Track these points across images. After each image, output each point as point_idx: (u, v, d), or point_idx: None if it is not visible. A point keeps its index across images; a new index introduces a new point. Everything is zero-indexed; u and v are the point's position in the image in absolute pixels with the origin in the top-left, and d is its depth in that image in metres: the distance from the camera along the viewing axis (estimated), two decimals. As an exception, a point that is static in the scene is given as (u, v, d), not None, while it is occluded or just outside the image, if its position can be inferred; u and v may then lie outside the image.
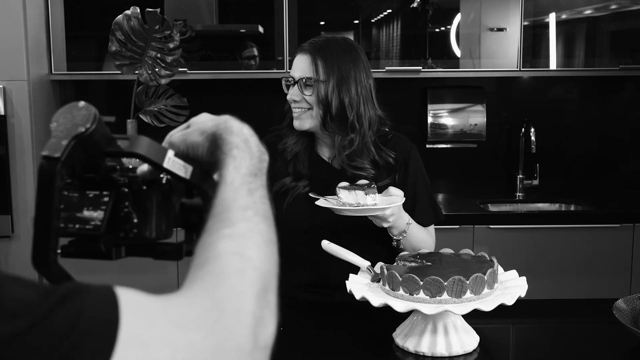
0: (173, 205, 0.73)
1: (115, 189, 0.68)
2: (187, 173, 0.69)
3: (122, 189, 0.68)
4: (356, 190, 1.57)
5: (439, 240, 2.62)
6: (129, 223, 0.68)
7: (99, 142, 0.65)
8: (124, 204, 0.68)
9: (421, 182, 1.79)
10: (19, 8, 2.81)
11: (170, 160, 0.68)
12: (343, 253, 1.57)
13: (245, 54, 3.08)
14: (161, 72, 2.84)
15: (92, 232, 0.66)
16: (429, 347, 1.36)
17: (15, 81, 2.83)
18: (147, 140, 0.67)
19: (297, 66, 1.73)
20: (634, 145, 3.41)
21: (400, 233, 1.65)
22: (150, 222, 0.69)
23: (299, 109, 1.71)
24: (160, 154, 0.67)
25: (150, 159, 0.66)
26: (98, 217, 0.66)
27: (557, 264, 2.87)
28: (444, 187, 3.41)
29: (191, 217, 0.74)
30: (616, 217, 2.90)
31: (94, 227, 0.66)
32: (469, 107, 3.27)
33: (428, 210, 1.80)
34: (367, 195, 1.56)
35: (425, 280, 1.32)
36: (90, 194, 0.67)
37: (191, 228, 0.75)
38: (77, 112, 0.64)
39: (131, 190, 0.68)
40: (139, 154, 0.66)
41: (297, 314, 1.65)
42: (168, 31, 2.81)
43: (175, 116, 2.95)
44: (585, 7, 3.11)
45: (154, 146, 0.67)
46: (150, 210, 0.69)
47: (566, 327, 1.62)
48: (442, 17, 3.09)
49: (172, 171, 0.68)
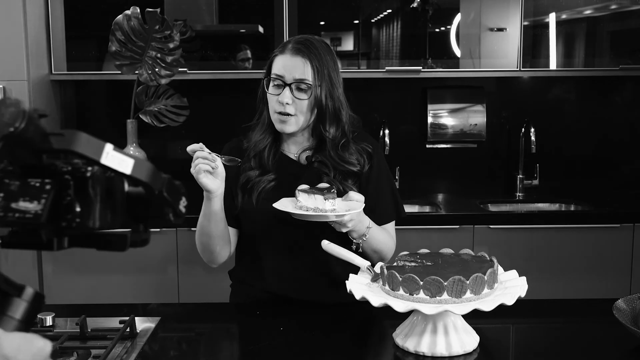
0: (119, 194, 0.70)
1: (58, 176, 0.65)
2: (127, 168, 0.67)
3: (65, 176, 0.66)
4: (315, 194, 1.57)
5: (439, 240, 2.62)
6: (72, 212, 0.65)
7: (32, 140, 0.63)
8: (67, 192, 0.65)
9: (385, 178, 1.81)
10: (19, 8, 2.81)
11: (109, 155, 0.65)
12: (343, 253, 1.57)
13: (240, 56, 3.08)
14: (161, 72, 2.84)
15: (33, 221, 0.63)
16: (429, 347, 1.36)
17: (15, 81, 2.83)
18: (83, 136, 0.64)
19: (289, 67, 1.67)
20: (634, 145, 3.41)
21: (360, 237, 1.66)
22: (94, 211, 0.67)
23: (286, 114, 1.68)
24: (97, 149, 0.65)
25: (86, 155, 0.64)
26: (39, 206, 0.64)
27: (557, 264, 2.87)
28: (444, 187, 3.41)
29: (137, 207, 0.72)
30: (616, 217, 2.89)
31: (34, 217, 0.63)
32: (469, 107, 3.27)
33: (390, 207, 1.81)
34: (327, 200, 1.56)
35: (425, 280, 1.32)
36: (31, 182, 0.65)
37: (137, 219, 0.72)
38: (6, 110, 0.62)
39: (74, 178, 0.66)
40: (74, 151, 0.64)
41: (296, 313, 1.65)
42: (168, 31, 2.81)
43: (175, 116, 2.95)
44: (585, 7, 3.11)
45: (90, 142, 0.64)
46: (94, 199, 0.67)
47: (566, 327, 1.62)
48: (442, 17, 3.09)
49: (111, 167, 0.66)
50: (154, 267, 2.81)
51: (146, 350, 1.42)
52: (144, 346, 1.43)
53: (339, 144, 1.73)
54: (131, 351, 1.40)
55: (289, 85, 1.67)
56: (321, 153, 1.75)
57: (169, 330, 1.55)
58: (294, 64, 1.67)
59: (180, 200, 0.73)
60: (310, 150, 1.77)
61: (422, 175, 3.38)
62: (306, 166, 1.76)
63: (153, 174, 0.69)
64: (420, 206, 3.22)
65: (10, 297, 0.64)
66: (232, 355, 1.52)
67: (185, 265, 2.82)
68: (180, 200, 0.73)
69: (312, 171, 1.74)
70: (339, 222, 1.59)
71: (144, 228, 0.72)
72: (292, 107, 1.67)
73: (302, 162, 1.77)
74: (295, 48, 1.68)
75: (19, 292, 0.64)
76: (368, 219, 1.67)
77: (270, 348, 1.44)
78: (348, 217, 1.57)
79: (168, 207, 0.71)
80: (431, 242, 2.52)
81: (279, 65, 1.69)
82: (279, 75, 1.68)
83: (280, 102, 1.67)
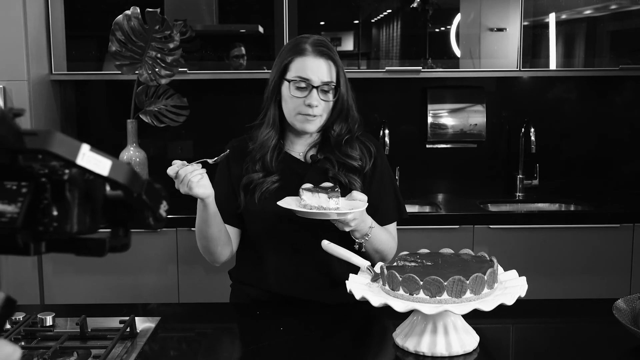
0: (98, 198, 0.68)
1: (34, 179, 0.63)
2: (104, 169, 0.65)
3: (41, 179, 0.64)
4: (319, 192, 1.58)
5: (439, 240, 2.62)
6: (49, 216, 0.63)
7: (5, 139, 0.61)
8: (44, 196, 0.63)
9: (387, 178, 1.82)
10: (19, 8, 2.81)
11: (85, 156, 0.63)
12: (343, 253, 1.57)
13: (234, 53, 3.08)
14: (161, 72, 2.84)
15: (8, 225, 0.62)
16: (429, 347, 1.36)
17: (15, 81, 2.83)
18: (57, 136, 0.62)
19: (314, 69, 1.68)
20: (634, 145, 3.41)
21: (362, 236, 1.66)
22: (72, 215, 0.65)
23: (313, 115, 1.70)
24: (73, 149, 0.62)
25: (61, 155, 0.62)
26: (15, 209, 0.62)
27: (557, 264, 2.87)
28: (444, 187, 3.41)
29: (117, 211, 0.69)
30: (616, 217, 2.89)
31: (9, 221, 0.62)
32: (469, 107, 3.27)
33: (392, 207, 1.82)
34: (330, 198, 1.57)
35: (425, 280, 1.32)
36: (7, 184, 0.63)
37: (116, 222, 0.70)
38: None
39: (51, 181, 0.64)
40: (49, 151, 0.61)
41: (296, 313, 1.65)
42: (168, 31, 2.81)
43: (175, 116, 2.95)
44: (585, 7, 3.11)
45: (65, 142, 0.62)
46: (72, 202, 0.65)
47: (566, 327, 1.62)
48: (442, 17, 3.09)
49: (87, 168, 0.64)
50: (154, 267, 2.82)
51: (146, 350, 1.42)
52: (144, 346, 1.43)
53: (342, 140, 1.75)
54: (131, 351, 1.40)
55: (317, 87, 1.68)
56: (325, 150, 1.77)
57: (169, 330, 1.55)
58: (319, 66, 1.69)
59: (160, 204, 0.71)
60: (315, 148, 1.79)
61: (422, 175, 3.38)
62: (310, 165, 1.77)
63: (132, 177, 0.67)
64: (420, 206, 3.22)
65: None
66: (232, 355, 1.52)
67: (185, 265, 2.82)
68: (161, 204, 0.71)
69: (316, 169, 1.75)
70: (342, 221, 1.59)
71: (124, 232, 0.70)
72: (319, 108, 1.70)
73: (307, 161, 1.78)
74: (318, 50, 1.70)
75: None
76: (370, 218, 1.68)
77: (270, 348, 1.44)
78: (351, 216, 1.57)
79: (148, 210, 0.69)
80: (431, 242, 2.51)
81: (302, 67, 1.69)
82: (304, 78, 1.68)
83: (308, 104, 1.68)
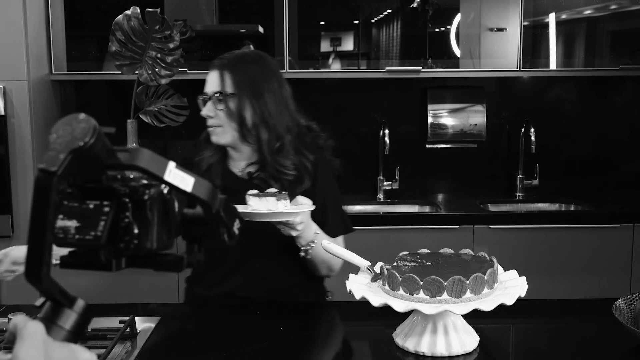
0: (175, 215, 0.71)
1: (116, 198, 0.66)
2: (188, 185, 0.68)
3: (123, 198, 0.67)
4: (267, 197, 1.57)
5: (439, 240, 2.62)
6: (130, 234, 0.66)
7: (99, 155, 0.64)
8: (125, 214, 0.66)
9: (330, 192, 1.81)
10: (19, 8, 2.81)
11: (172, 172, 0.66)
12: (343, 253, 1.57)
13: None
14: (161, 72, 2.84)
15: (92, 242, 0.64)
16: (429, 347, 1.36)
17: (15, 81, 2.83)
18: (147, 153, 0.66)
19: (208, 82, 1.76)
20: (633, 145, 3.41)
21: (308, 243, 1.66)
22: (152, 233, 0.68)
23: (212, 125, 1.75)
24: (161, 166, 0.66)
25: (151, 171, 0.65)
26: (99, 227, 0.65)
27: (557, 264, 2.87)
28: (444, 187, 3.41)
29: (193, 228, 0.73)
30: (616, 217, 2.89)
31: (94, 238, 0.64)
32: (469, 107, 3.27)
33: (338, 220, 1.81)
34: (279, 201, 1.57)
35: (425, 280, 1.32)
36: (90, 204, 0.66)
37: (193, 239, 0.73)
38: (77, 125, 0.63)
39: (132, 200, 0.67)
40: (139, 167, 0.65)
41: (296, 313, 1.65)
42: (168, 31, 2.81)
43: (175, 116, 2.95)
44: (585, 7, 3.11)
45: (154, 159, 0.66)
46: (152, 220, 0.68)
47: (566, 327, 1.62)
48: (442, 17, 3.09)
49: (173, 184, 0.67)
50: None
51: (146, 350, 1.42)
52: (144, 346, 1.43)
53: (274, 148, 1.74)
54: (131, 351, 1.40)
55: (210, 98, 1.74)
56: (261, 164, 1.77)
57: (169, 330, 1.55)
58: (211, 78, 1.76)
59: (234, 221, 0.73)
60: (255, 165, 1.79)
61: (422, 175, 3.38)
62: (248, 180, 1.78)
63: (212, 193, 0.70)
64: (420, 206, 3.22)
65: (61, 308, 0.65)
66: (232, 356, 1.52)
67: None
68: (235, 221, 0.74)
69: (253, 185, 1.73)
70: (290, 225, 1.59)
71: (199, 248, 0.72)
72: (216, 119, 1.74)
73: (244, 178, 1.79)
74: (214, 64, 1.77)
75: (71, 304, 0.66)
76: (315, 225, 1.68)
77: (270, 348, 1.44)
78: (299, 219, 1.58)
79: (223, 227, 0.72)
80: (431, 242, 2.51)
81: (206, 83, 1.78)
82: (203, 92, 1.77)
83: (205, 115, 1.75)
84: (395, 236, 2.80)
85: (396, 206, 3.23)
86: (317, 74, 3.11)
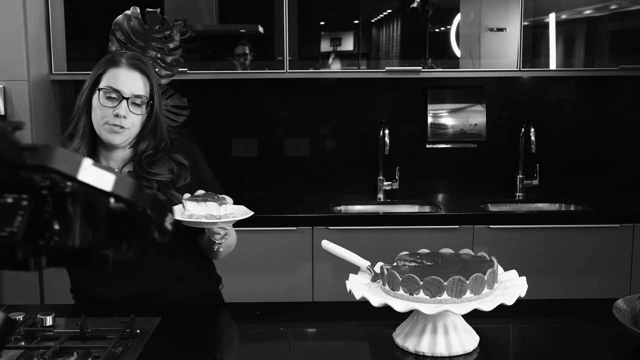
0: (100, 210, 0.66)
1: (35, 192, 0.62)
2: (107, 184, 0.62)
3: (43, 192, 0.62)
4: (207, 201, 1.57)
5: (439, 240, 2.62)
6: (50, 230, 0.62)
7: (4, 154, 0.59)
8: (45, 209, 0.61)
9: (211, 179, 1.85)
10: (19, 8, 2.81)
11: (87, 170, 0.61)
12: (343, 253, 1.57)
13: (237, 51, 3.08)
14: (161, 72, 2.84)
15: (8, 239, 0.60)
16: (429, 347, 1.36)
17: (15, 81, 2.83)
18: (59, 151, 0.60)
19: (126, 81, 1.70)
20: (633, 145, 3.41)
21: (222, 237, 1.68)
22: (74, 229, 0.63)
23: (121, 126, 1.69)
24: (75, 165, 0.61)
25: (62, 171, 0.60)
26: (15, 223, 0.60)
27: (557, 264, 2.87)
28: (444, 187, 3.41)
29: (120, 225, 0.67)
30: (616, 217, 2.90)
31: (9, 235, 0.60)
32: (469, 107, 3.27)
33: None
34: (221, 206, 1.57)
35: (425, 280, 1.32)
36: (7, 197, 0.61)
37: (120, 237, 0.68)
38: None
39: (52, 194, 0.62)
40: (48, 167, 0.59)
41: (296, 313, 1.65)
42: (168, 31, 2.80)
43: (175, 116, 2.95)
44: (585, 7, 3.11)
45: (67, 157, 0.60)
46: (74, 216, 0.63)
47: (566, 327, 1.62)
48: (442, 17, 3.09)
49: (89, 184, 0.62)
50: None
51: (146, 350, 1.42)
52: (144, 346, 1.43)
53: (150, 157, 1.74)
54: (131, 351, 1.40)
55: (127, 99, 1.70)
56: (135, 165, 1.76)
57: (169, 330, 1.55)
58: (132, 78, 1.71)
59: (166, 217, 0.69)
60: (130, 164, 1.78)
61: (422, 175, 3.38)
62: None
63: (136, 191, 0.65)
64: (420, 206, 3.22)
65: None
66: (232, 356, 1.52)
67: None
68: (166, 217, 0.69)
69: None
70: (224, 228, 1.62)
71: (128, 246, 0.68)
72: (128, 120, 1.70)
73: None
74: (132, 63, 1.73)
75: None
76: None
77: (271, 348, 1.44)
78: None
79: (153, 224, 0.68)
80: (431, 242, 2.51)
81: (114, 77, 1.71)
82: (115, 89, 1.70)
83: (117, 114, 1.69)
84: (395, 236, 2.80)
85: (396, 206, 3.23)
86: (317, 74, 3.11)
